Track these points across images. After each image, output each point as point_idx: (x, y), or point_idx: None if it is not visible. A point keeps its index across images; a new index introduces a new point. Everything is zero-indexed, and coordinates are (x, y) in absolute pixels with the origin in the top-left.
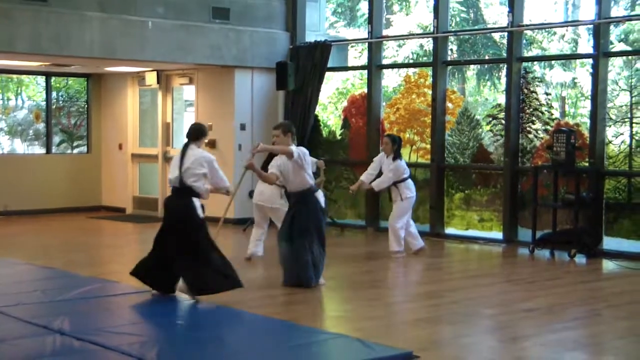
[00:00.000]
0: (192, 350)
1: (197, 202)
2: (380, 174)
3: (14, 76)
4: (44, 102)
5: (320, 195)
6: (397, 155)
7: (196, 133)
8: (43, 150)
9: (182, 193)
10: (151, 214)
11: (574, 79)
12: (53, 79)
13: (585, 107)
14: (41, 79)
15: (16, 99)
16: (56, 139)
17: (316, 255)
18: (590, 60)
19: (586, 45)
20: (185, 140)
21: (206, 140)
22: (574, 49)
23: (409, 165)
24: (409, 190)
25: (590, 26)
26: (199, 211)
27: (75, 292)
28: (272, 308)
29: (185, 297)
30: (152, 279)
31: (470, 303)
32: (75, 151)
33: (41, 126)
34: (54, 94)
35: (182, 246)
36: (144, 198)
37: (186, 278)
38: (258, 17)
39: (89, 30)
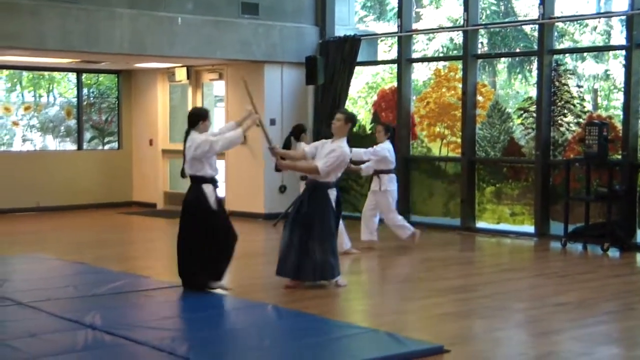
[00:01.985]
0: (222, 344)
1: (207, 188)
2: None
3: (46, 73)
4: (75, 99)
5: (332, 192)
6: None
7: (191, 118)
8: (74, 147)
9: (192, 181)
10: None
11: (606, 71)
12: (84, 75)
13: (618, 99)
14: (72, 76)
15: (48, 96)
16: (87, 135)
17: (311, 251)
18: (623, 52)
19: (619, 36)
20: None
21: (209, 123)
22: (606, 40)
23: (440, 159)
24: (391, 183)
25: (623, 17)
26: (210, 199)
27: (107, 287)
28: (302, 302)
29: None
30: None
31: (501, 297)
32: (106, 147)
33: (72, 123)
34: (85, 90)
35: (190, 235)
36: (175, 193)
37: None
38: (287, 12)
39: (119, 26)
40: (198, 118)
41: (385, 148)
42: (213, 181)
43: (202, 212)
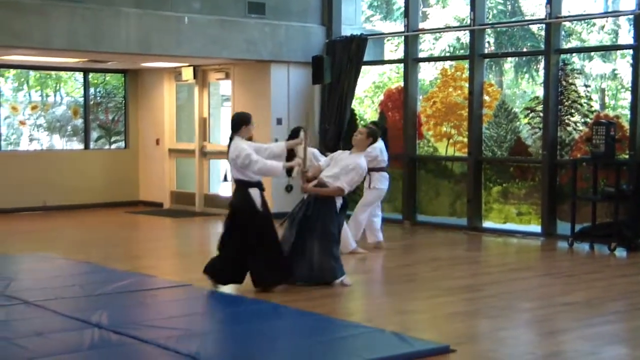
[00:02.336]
0: (229, 344)
1: (253, 192)
2: None
3: (53, 73)
4: (82, 98)
5: (339, 198)
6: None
7: (234, 123)
8: (81, 146)
9: (238, 185)
10: (188, 208)
11: (614, 70)
12: (91, 75)
13: (626, 98)
14: (79, 75)
15: (55, 96)
16: (94, 134)
17: (309, 251)
18: (631, 51)
19: (627, 36)
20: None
21: (252, 127)
22: (614, 40)
23: (446, 158)
24: (381, 181)
25: (631, 16)
26: (257, 202)
27: (113, 286)
28: (308, 302)
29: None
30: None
31: (508, 297)
32: (112, 146)
33: (79, 122)
34: (91, 90)
35: (243, 238)
36: (182, 193)
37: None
38: (293, 11)
39: (125, 26)
40: (241, 123)
41: (377, 147)
42: (259, 185)
43: (251, 215)
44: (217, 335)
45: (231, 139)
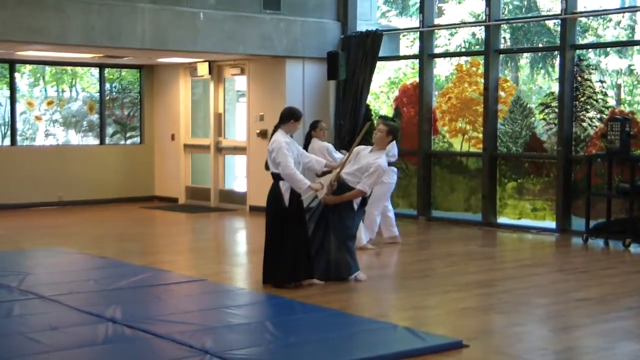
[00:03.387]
0: (242, 338)
1: (283, 186)
2: None
3: (68, 68)
4: (98, 94)
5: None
6: None
7: (283, 115)
8: (97, 141)
9: (273, 178)
10: (204, 203)
11: (630, 66)
12: (106, 70)
13: None
14: (95, 71)
15: (70, 91)
16: (109, 130)
17: (327, 248)
18: None
19: None
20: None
21: (299, 125)
22: (630, 35)
23: (461, 154)
24: (389, 176)
25: None
26: (285, 196)
27: (128, 281)
28: (322, 297)
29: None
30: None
31: (522, 292)
32: (128, 142)
33: (95, 117)
34: (107, 85)
35: (271, 233)
36: (197, 188)
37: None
38: (309, 7)
39: (141, 21)
40: (290, 117)
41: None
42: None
43: (276, 209)
44: (230, 330)
45: (275, 129)
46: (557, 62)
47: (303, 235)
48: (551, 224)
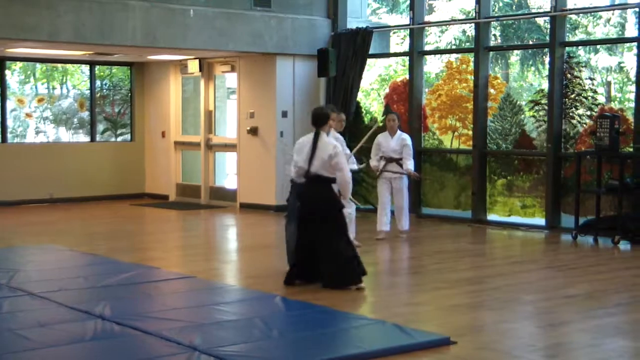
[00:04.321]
0: (230, 335)
1: (335, 187)
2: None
3: (59, 65)
4: (88, 91)
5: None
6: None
7: (319, 118)
8: (87, 139)
9: (320, 181)
10: (194, 201)
11: (619, 63)
12: (97, 67)
13: (632, 91)
14: (85, 68)
15: (61, 88)
16: (100, 127)
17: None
18: (635, 44)
19: (633, 29)
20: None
21: (327, 126)
22: (620, 32)
23: (451, 151)
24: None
25: (637, 9)
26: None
27: (117, 278)
28: (311, 294)
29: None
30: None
31: (511, 289)
32: (119, 139)
33: (85, 114)
34: (98, 82)
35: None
36: (187, 185)
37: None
38: (299, 4)
39: (132, 19)
40: (326, 119)
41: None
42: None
43: (331, 211)
44: (219, 326)
45: (317, 133)
46: (547, 59)
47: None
48: (541, 221)
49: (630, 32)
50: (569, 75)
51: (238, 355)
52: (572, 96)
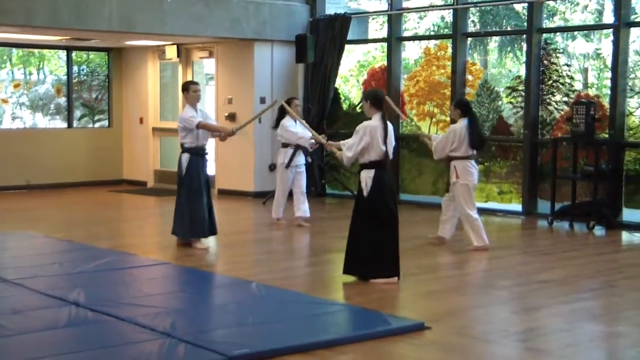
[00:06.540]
0: (205, 321)
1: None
2: None
3: (36, 50)
4: (65, 77)
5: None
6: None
7: (376, 100)
8: (64, 125)
9: (369, 167)
10: (172, 187)
11: (597, 49)
12: (74, 53)
13: (609, 78)
14: (62, 53)
15: (38, 74)
16: (77, 113)
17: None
18: (612, 31)
19: (610, 15)
20: None
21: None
22: (597, 19)
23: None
24: (471, 175)
25: None
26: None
27: (93, 264)
28: (288, 280)
29: None
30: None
31: (485, 275)
32: (96, 125)
33: (62, 100)
34: (75, 68)
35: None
36: (165, 172)
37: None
38: None
39: (108, 3)
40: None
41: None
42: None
43: (384, 196)
44: (193, 312)
45: (384, 116)
46: (524, 45)
47: None
48: (517, 206)
49: (608, 18)
50: (546, 62)
51: (213, 341)
52: (549, 83)
